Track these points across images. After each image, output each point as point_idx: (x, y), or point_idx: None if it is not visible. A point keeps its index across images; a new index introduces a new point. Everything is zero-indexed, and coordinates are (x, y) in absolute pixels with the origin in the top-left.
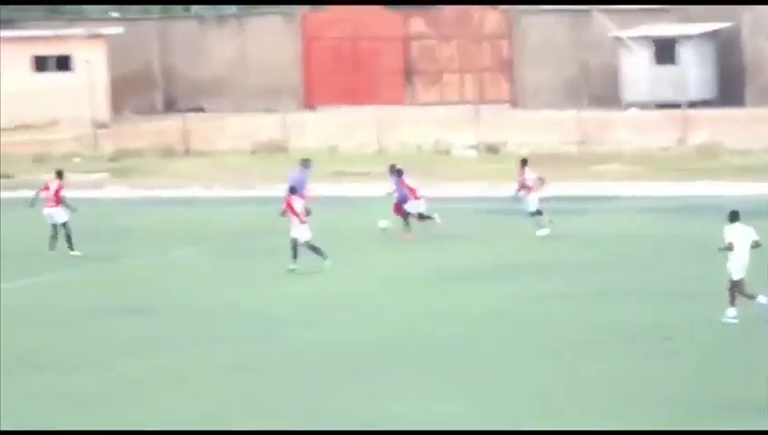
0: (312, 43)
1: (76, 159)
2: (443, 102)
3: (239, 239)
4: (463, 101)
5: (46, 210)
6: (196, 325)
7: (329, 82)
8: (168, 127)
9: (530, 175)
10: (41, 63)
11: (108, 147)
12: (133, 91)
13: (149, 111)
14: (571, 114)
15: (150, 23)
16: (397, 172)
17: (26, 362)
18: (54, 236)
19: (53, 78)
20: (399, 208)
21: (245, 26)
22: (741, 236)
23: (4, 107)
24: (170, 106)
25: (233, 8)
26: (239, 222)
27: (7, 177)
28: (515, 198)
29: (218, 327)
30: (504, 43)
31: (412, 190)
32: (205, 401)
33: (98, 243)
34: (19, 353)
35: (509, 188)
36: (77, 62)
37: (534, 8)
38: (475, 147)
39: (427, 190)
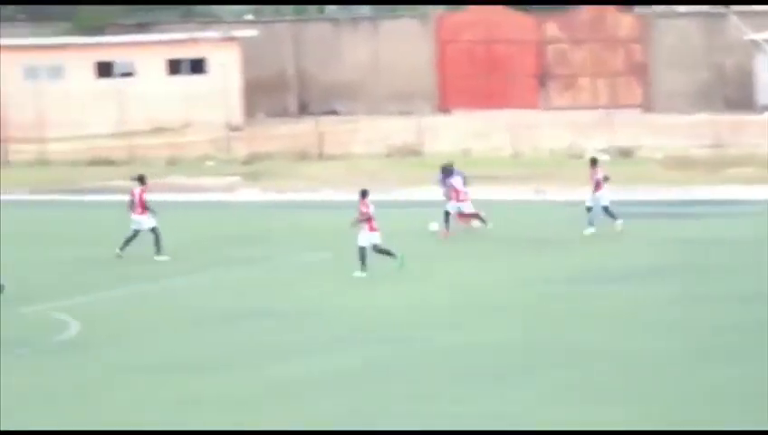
0: (447, 46)
1: (209, 163)
2: (576, 107)
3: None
4: (596, 106)
5: (134, 216)
6: (330, 329)
7: (463, 86)
8: (301, 130)
9: (600, 175)
10: (175, 67)
11: (241, 150)
12: (266, 94)
13: (283, 114)
14: (704, 118)
15: (284, 25)
16: (445, 172)
17: (168, 365)
18: (130, 240)
19: (188, 81)
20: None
21: (379, 29)
22: None
23: (139, 110)
24: (304, 109)
25: (367, 10)
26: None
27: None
28: (593, 200)
29: (352, 330)
30: (638, 47)
31: (456, 192)
32: (340, 402)
33: (230, 247)
34: (159, 357)
35: (641, 193)
36: (211, 65)
37: (669, 11)
38: (608, 151)
39: (560, 194)
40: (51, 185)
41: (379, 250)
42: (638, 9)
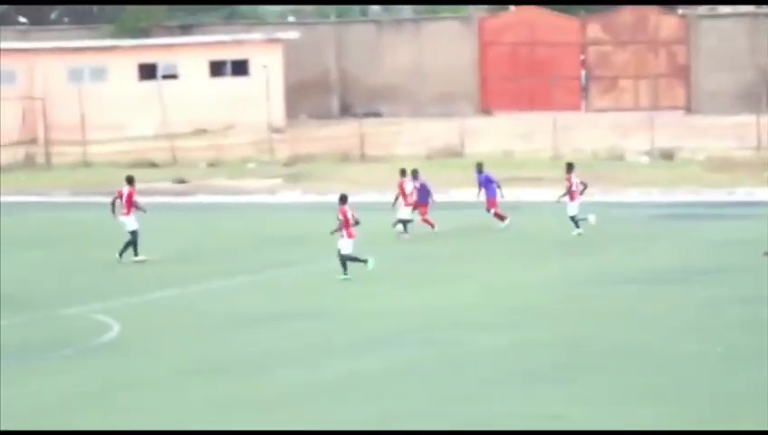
0: (489, 48)
1: (251, 165)
2: (618, 108)
3: (410, 245)
4: (637, 108)
5: (120, 218)
6: (363, 331)
7: (505, 88)
8: (343, 132)
9: (575, 180)
10: (218, 68)
11: (283, 152)
12: (309, 96)
13: (325, 115)
14: (747, 119)
15: (327, 27)
16: (479, 170)
17: (206, 367)
18: (135, 243)
19: (230, 83)
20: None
21: (422, 30)
22: None
23: (181, 112)
24: (346, 111)
25: (409, 12)
26: (413, 228)
27: (183, 181)
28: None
29: (384, 333)
30: (681, 49)
31: (405, 196)
32: (371, 404)
33: (270, 249)
34: (199, 359)
35: (683, 194)
36: (254, 66)
37: (713, 12)
38: (649, 153)
39: (601, 195)
40: (93, 187)
41: (347, 258)
42: (681, 10)
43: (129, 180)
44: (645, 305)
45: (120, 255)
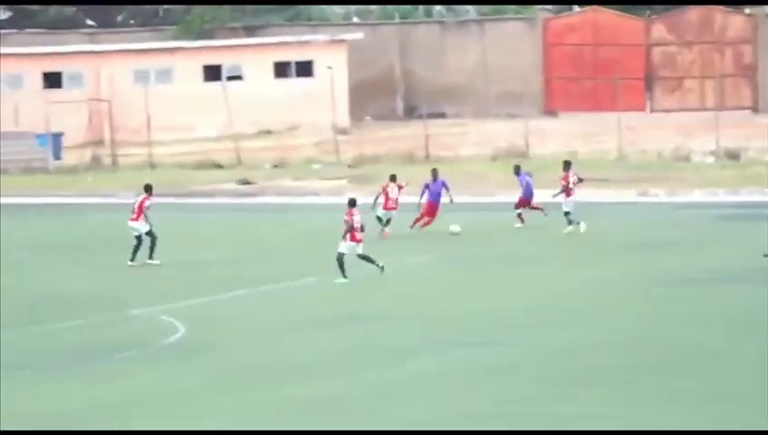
0: (553, 49)
1: (316, 166)
2: (683, 109)
3: (475, 246)
4: (703, 108)
5: (129, 223)
6: (431, 331)
7: (569, 88)
8: (408, 133)
9: (572, 178)
10: (282, 69)
11: (347, 153)
12: (373, 97)
13: (390, 116)
14: None
15: (391, 27)
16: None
17: (273, 369)
18: (137, 248)
19: (295, 84)
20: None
21: (486, 31)
22: None
23: (246, 113)
24: (410, 112)
25: (473, 13)
26: (476, 229)
27: (247, 183)
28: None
29: (453, 333)
30: (747, 48)
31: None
32: (442, 404)
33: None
34: (266, 360)
35: (748, 195)
36: (318, 67)
37: None
38: (715, 153)
39: (666, 196)
40: (158, 188)
41: (362, 257)
42: (749, 9)
43: (147, 188)
44: (708, 306)
45: (151, 257)
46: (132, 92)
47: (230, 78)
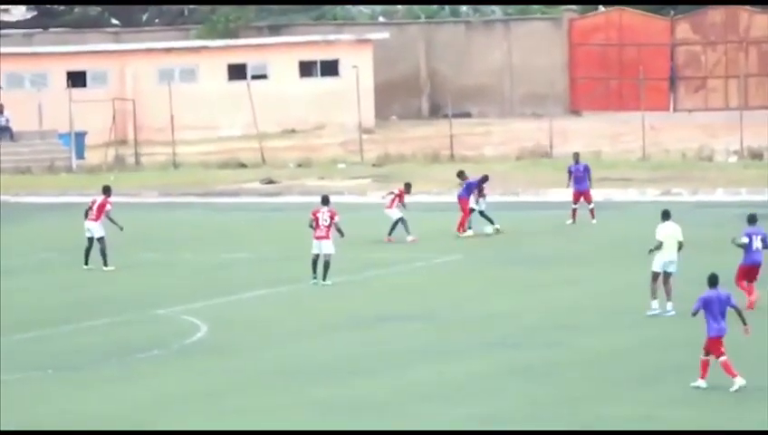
0: (578, 49)
1: (341, 165)
2: (707, 108)
3: (503, 246)
4: (727, 107)
5: (86, 223)
6: (466, 333)
7: (594, 88)
8: (433, 132)
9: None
10: (307, 69)
11: (373, 152)
12: (399, 96)
13: (415, 116)
14: None
15: (416, 27)
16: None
17: (295, 369)
18: (89, 250)
19: (320, 83)
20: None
21: (512, 31)
22: (669, 234)
23: (271, 112)
24: (436, 111)
25: (499, 12)
26: (504, 228)
27: (272, 182)
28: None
29: (491, 335)
30: None
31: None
32: (481, 405)
33: (362, 250)
34: (288, 361)
35: None
36: (344, 66)
37: None
38: (738, 153)
39: (690, 196)
40: (182, 187)
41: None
42: None
43: (105, 190)
44: (742, 305)
45: (105, 264)
46: (156, 92)
47: (255, 77)
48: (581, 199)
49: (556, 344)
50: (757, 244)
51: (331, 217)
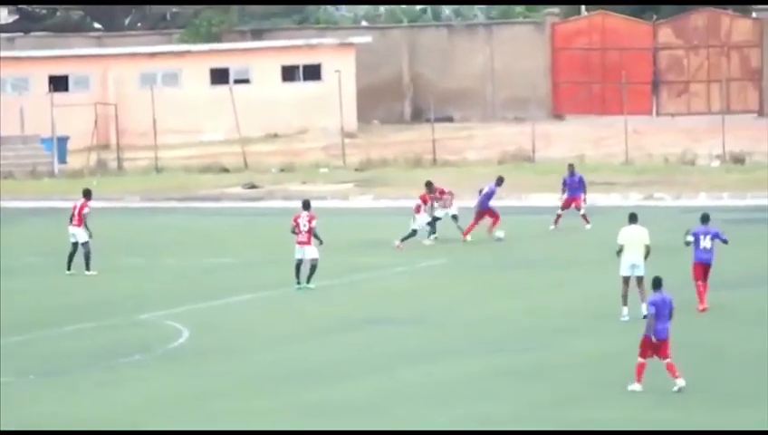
0: (561, 53)
1: (323, 170)
2: (689, 113)
3: (487, 250)
4: (709, 112)
5: (70, 228)
6: (454, 336)
7: (577, 92)
8: (415, 137)
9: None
10: (290, 73)
11: (355, 157)
12: (381, 101)
13: (397, 120)
14: None
15: (399, 31)
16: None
17: (301, 372)
18: (73, 255)
19: (302, 87)
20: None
21: (494, 35)
22: (633, 237)
23: (253, 116)
24: (418, 116)
25: (481, 16)
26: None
27: (254, 186)
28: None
29: (478, 337)
30: (754, 52)
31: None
32: (472, 408)
33: (347, 254)
34: (287, 365)
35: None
36: (326, 71)
37: None
38: (721, 157)
39: (672, 200)
40: (164, 192)
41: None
42: (755, 13)
43: (86, 193)
44: (724, 311)
45: (87, 268)
46: (139, 96)
47: (237, 81)
48: (572, 206)
49: (544, 347)
50: (705, 243)
51: (309, 222)
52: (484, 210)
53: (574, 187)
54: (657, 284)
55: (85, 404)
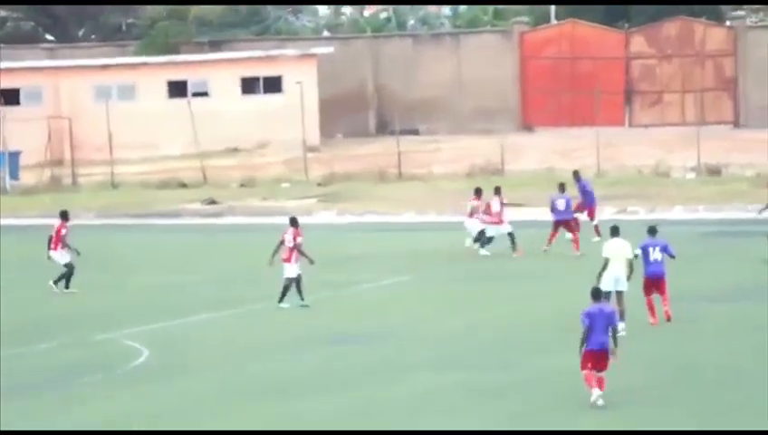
0: (530, 63)
1: (285, 184)
2: (663, 123)
3: (452, 264)
4: (683, 122)
5: (50, 253)
6: (418, 351)
7: (546, 103)
8: (380, 150)
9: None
10: (250, 85)
11: (318, 171)
12: (344, 113)
13: (361, 133)
14: None
15: (363, 41)
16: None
17: (268, 388)
18: (71, 274)
19: (263, 100)
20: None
21: (461, 45)
22: (617, 250)
23: (212, 130)
24: (383, 128)
25: (448, 26)
26: (454, 248)
27: (214, 202)
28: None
29: (445, 353)
30: (728, 61)
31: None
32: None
33: (313, 271)
34: (260, 380)
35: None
36: (287, 83)
37: (761, 24)
38: (696, 169)
39: (646, 214)
40: (120, 208)
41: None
42: (729, 22)
43: (62, 214)
44: (700, 324)
45: (56, 283)
46: (93, 110)
47: (195, 94)
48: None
49: (512, 362)
50: (655, 254)
51: (294, 239)
52: (568, 219)
53: (587, 190)
54: (596, 295)
55: (49, 424)
